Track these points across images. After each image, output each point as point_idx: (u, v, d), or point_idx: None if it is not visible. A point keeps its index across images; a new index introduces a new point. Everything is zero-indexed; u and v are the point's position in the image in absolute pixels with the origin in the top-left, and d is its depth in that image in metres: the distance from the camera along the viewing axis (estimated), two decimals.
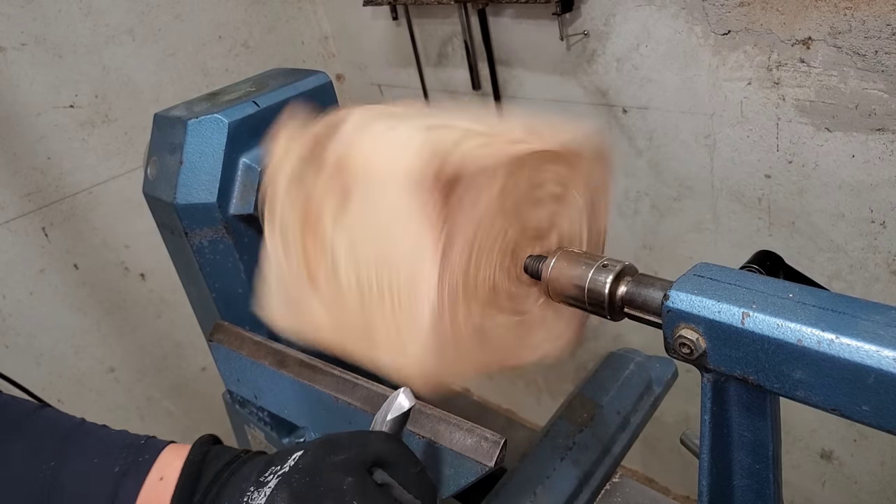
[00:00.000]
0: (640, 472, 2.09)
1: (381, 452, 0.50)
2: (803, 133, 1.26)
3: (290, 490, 0.47)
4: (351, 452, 0.50)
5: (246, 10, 1.93)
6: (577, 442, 0.88)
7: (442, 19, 1.79)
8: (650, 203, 1.59)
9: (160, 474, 0.55)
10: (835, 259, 1.33)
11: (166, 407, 1.96)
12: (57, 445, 0.55)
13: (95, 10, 1.64)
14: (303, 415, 0.81)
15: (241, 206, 0.90)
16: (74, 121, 1.65)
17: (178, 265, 1.01)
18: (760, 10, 1.21)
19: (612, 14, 1.42)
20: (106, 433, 0.59)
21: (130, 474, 0.54)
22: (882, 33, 1.08)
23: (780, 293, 0.52)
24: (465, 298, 0.64)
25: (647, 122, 1.48)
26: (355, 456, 0.49)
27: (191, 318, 1.08)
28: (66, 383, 1.74)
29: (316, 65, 2.15)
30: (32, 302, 1.65)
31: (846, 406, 0.48)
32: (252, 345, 0.87)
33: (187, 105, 0.95)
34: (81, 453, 0.56)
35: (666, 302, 0.56)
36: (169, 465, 0.55)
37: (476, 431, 0.64)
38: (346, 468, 0.48)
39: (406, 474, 0.50)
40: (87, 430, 0.58)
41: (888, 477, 1.48)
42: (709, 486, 0.61)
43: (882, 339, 0.45)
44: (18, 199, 1.59)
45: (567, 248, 0.70)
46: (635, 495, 0.88)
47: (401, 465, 0.51)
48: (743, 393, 0.57)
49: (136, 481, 0.54)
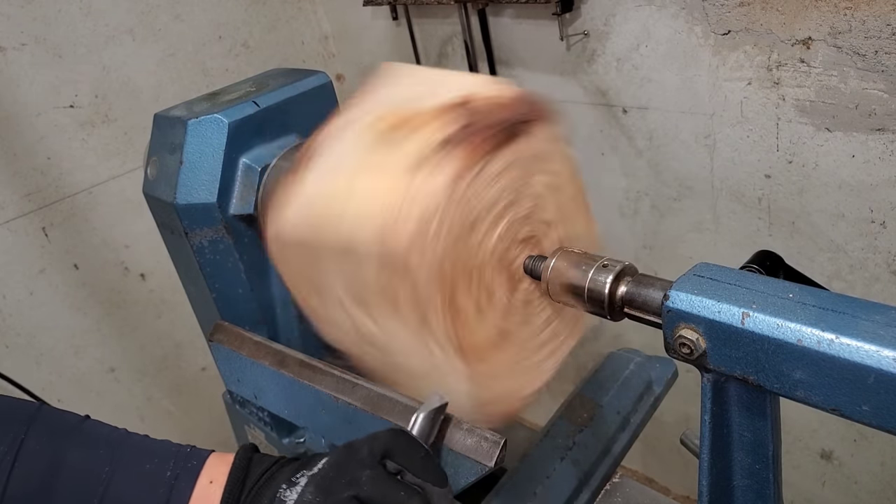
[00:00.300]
0: (640, 472, 2.09)
1: (389, 445, 0.57)
2: (803, 133, 1.26)
3: (315, 485, 0.55)
4: (364, 451, 0.57)
5: (246, 10, 1.93)
6: (577, 442, 0.88)
7: (442, 19, 1.79)
8: (650, 203, 1.59)
9: (209, 479, 0.61)
10: (835, 259, 1.33)
11: (166, 407, 1.96)
12: (109, 453, 0.61)
13: (95, 10, 1.64)
14: (303, 415, 0.81)
15: (241, 206, 0.90)
16: (74, 121, 1.65)
17: (178, 265, 1.01)
18: (760, 10, 1.21)
19: (612, 14, 1.42)
20: (153, 442, 0.64)
21: (182, 478, 0.60)
22: (882, 33, 1.08)
23: (780, 293, 0.52)
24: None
25: (647, 122, 1.48)
26: (368, 452, 0.57)
27: (191, 318, 1.08)
28: (66, 383, 1.74)
29: (316, 65, 2.15)
30: (32, 302, 1.65)
31: (846, 406, 0.48)
32: (252, 345, 0.87)
33: (187, 105, 0.95)
34: (133, 460, 0.61)
35: (666, 302, 0.56)
36: (217, 470, 0.62)
37: (476, 431, 0.64)
38: (363, 463, 0.56)
39: (414, 461, 0.57)
40: (135, 439, 0.64)
41: (888, 477, 1.48)
42: (709, 486, 0.61)
43: (882, 339, 0.45)
44: (18, 199, 1.59)
45: (567, 248, 0.70)
46: (635, 495, 0.88)
47: (408, 453, 0.57)
48: (743, 393, 0.57)
49: (188, 484, 0.60)
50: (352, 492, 0.54)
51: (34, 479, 0.58)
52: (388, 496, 0.54)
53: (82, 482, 0.59)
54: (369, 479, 0.54)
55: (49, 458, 0.59)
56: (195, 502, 0.60)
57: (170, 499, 0.59)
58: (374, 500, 0.54)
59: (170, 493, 0.60)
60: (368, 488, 0.54)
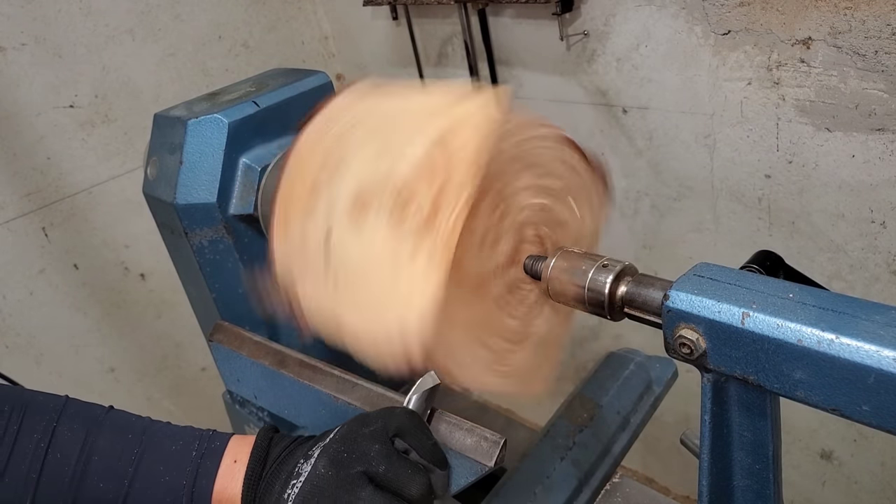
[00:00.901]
0: (640, 472, 2.09)
1: (402, 425, 0.60)
2: (803, 133, 1.26)
3: (328, 457, 0.58)
4: (378, 424, 0.60)
5: (246, 10, 1.93)
6: (577, 442, 0.88)
7: (442, 19, 1.79)
8: (650, 203, 1.59)
9: (233, 458, 0.65)
10: (835, 259, 1.33)
11: (166, 407, 1.96)
12: (137, 437, 0.65)
13: (95, 10, 1.64)
14: (303, 415, 0.81)
15: (241, 206, 0.91)
16: (74, 121, 1.65)
17: (178, 265, 1.01)
18: (760, 10, 1.21)
19: (612, 14, 1.42)
20: (176, 427, 0.69)
21: (207, 457, 0.65)
22: (882, 33, 1.08)
23: (780, 293, 0.52)
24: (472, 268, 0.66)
25: (647, 122, 1.48)
26: (381, 427, 0.60)
27: (191, 318, 1.08)
28: (66, 383, 1.74)
29: (316, 65, 2.15)
30: (32, 302, 1.65)
31: (846, 406, 0.48)
32: (252, 345, 0.87)
33: (187, 105, 0.95)
34: (160, 443, 0.65)
35: (666, 302, 0.56)
36: (240, 450, 0.66)
37: (476, 431, 0.64)
38: (374, 438, 0.59)
39: (422, 444, 0.61)
40: (160, 425, 0.68)
41: (888, 477, 1.48)
42: (709, 486, 0.61)
43: (882, 339, 0.45)
44: (18, 199, 1.59)
45: (567, 248, 0.70)
46: (635, 495, 0.88)
47: (417, 436, 0.61)
48: (743, 393, 0.57)
49: (214, 463, 0.65)
50: (362, 467, 0.57)
51: (68, 463, 0.62)
52: (396, 472, 0.58)
53: (113, 463, 0.63)
54: (378, 454, 0.58)
55: (80, 443, 0.63)
56: (221, 479, 0.64)
57: (197, 476, 0.64)
58: (381, 475, 0.57)
59: (196, 471, 0.64)
60: (377, 463, 0.57)
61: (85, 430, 0.65)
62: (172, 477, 0.64)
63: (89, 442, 0.64)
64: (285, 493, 0.59)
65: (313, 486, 0.57)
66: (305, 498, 0.57)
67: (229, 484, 0.64)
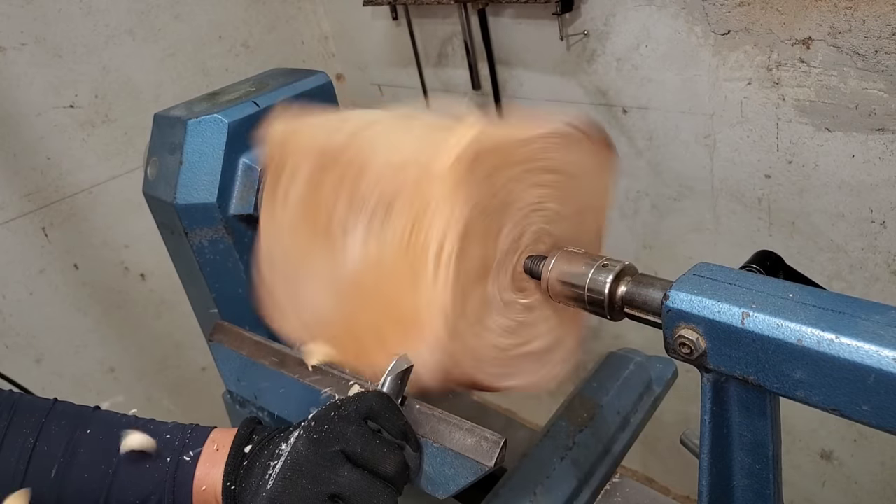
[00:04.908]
0: (640, 472, 2.09)
1: (374, 407, 0.63)
2: (803, 133, 1.26)
3: (307, 437, 0.61)
4: (351, 408, 0.63)
5: (246, 10, 1.93)
6: (577, 442, 0.88)
7: (442, 19, 1.79)
8: (650, 203, 1.59)
9: (215, 446, 0.69)
10: (835, 259, 1.33)
11: (166, 407, 1.96)
12: (121, 432, 0.68)
13: (95, 10, 1.64)
14: (303, 415, 0.81)
15: (241, 206, 0.90)
16: (74, 121, 1.65)
17: (178, 265, 1.01)
18: (760, 10, 1.21)
19: (612, 14, 1.42)
20: (160, 423, 0.72)
21: (189, 446, 0.69)
22: (882, 33, 1.08)
23: (780, 293, 0.52)
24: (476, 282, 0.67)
25: (647, 122, 1.49)
26: (353, 410, 0.62)
27: (191, 318, 1.08)
28: (66, 383, 1.74)
29: (316, 65, 2.15)
30: (32, 302, 1.65)
31: (846, 406, 0.48)
32: (252, 345, 0.87)
33: (187, 105, 0.95)
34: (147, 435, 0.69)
35: (666, 302, 0.56)
36: (222, 438, 0.70)
37: (476, 431, 0.64)
38: (349, 420, 0.61)
39: (393, 424, 0.63)
40: (144, 421, 0.72)
41: (888, 477, 1.48)
42: (709, 486, 0.61)
43: (882, 339, 0.45)
44: (18, 199, 1.59)
45: (567, 248, 0.70)
46: (635, 495, 0.88)
47: (388, 417, 0.63)
48: (743, 393, 0.57)
49: (196, 450, 0.69)
50: (339, 446, 0.60)
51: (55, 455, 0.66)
52: (373, 451, 0.61)
53: (98, 456, 0.67)
54: (354, 434, 0.61)
55: (67, 438, 0.68)
56: (203, 465, 0.68)
57: (179, 463, 0.68)
58: (358, 454, 0.60)
59: (179, 458, 0.68)
60: (354, 443, 0.60)
61: (72, 426, 0.69)
62: (155, 465, 0.68)
63: (76, 436, 0.68)
64: (266, 473, 0.61)
65: (293, 464, 0.60)
66: (286, 475, 0.59)
67: (211, 470, 0.67)
